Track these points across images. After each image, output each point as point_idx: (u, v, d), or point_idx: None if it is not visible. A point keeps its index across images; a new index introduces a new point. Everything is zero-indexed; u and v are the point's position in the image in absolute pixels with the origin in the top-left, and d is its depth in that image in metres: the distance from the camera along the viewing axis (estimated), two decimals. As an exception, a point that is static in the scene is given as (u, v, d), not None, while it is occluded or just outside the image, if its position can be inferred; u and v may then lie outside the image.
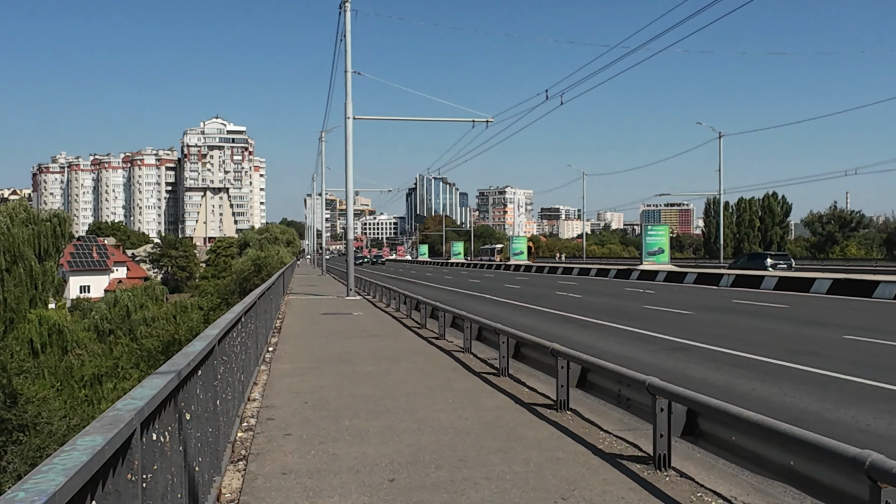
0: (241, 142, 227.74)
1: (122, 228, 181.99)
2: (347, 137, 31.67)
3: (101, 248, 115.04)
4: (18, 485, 2.24)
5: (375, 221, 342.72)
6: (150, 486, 3.54)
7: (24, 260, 48.33)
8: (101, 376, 38.61)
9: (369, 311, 26.10)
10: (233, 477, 6.59)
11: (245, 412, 9.14)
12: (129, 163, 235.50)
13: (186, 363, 4.69)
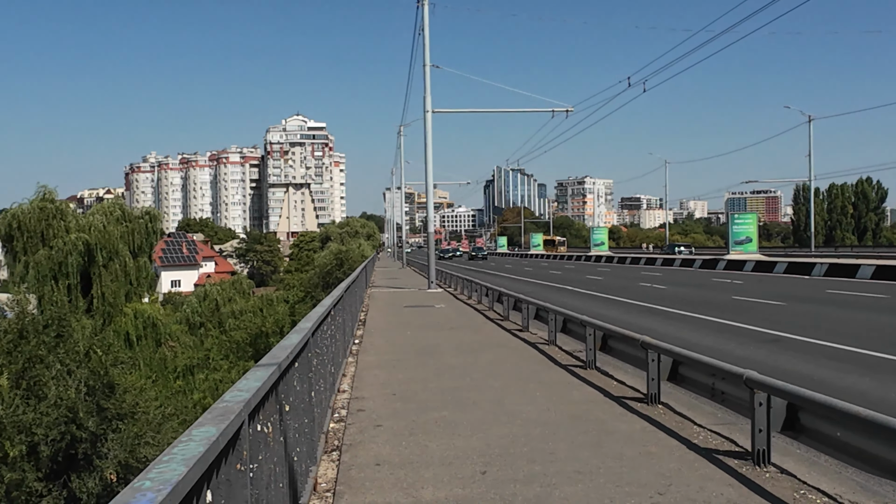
0: (322, 138, 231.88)
1: (210, 224, 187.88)
2: (427, 131, 31.82)
3: (190, 244, 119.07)
4: (143, 474, 2.32)
5: (454, 214, 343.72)
6: (255, 475, 3.63)
7: (119, 256, 50.32)
8: (192, 367, 39.95)
9: (451, 303, 26.20)
10: (328, 467, 6.71)
11: (336, 403, 9.30)
12: (215, 161, 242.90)
13: (285, 356, 4.79)
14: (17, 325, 16.06)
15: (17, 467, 13.14)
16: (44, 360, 15.00)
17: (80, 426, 13.75)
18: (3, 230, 48.20)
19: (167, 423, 17.36)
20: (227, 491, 3.01)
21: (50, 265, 46.40)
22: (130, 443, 14.49)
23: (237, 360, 39.14)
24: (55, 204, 49.57)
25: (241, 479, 3.26)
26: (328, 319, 8.71)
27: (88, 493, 13.82)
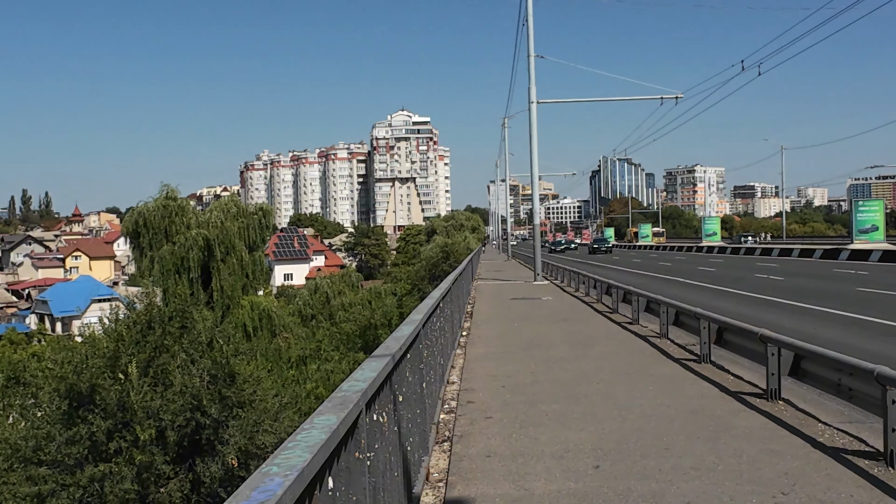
0: (426, 132, 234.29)
1: (319, 219, 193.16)
2: (532, 122, 31.60)
3: (301, 239, 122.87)
4: (270, 459, 2.40)
5: (559, 205, 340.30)
6: (372, 463, 3.70)
7: (235, 251, 52.41)
8: (305, 358, 41.25)
9: (558, 295, 25.96)
10: (439, 457, 6.77)
11: (445, 395, 9.38)
12: (323, 157, 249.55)
13: (398, 347, 4.86)
14: (146, 316, 16.92)
15: (146, 450, 13.90)
16: (169, 350, 15.79)
17: (203, 413, 14.40)
18: (131, 227, 51.10)
19: (284, 412, 17.93)
20: (347, 478, 3.08)
21: (173, 260, 48.89)
22: (250, 430, 15.05)
23: (347, 351, 40.13)
24: (177, 202, 52.13)
25: (359, 466, 3.33)
26: (437, 311, 8.79)
27: (212, 476, 14.47)
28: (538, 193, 33.13)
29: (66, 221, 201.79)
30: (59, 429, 14.66)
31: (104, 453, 14.35)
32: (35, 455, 14.72)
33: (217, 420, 14.63)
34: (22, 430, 16.01)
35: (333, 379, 36.03)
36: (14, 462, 15.43)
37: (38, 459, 14.68)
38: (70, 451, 14.26)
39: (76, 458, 14.31)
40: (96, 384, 14.42)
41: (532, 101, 31.43)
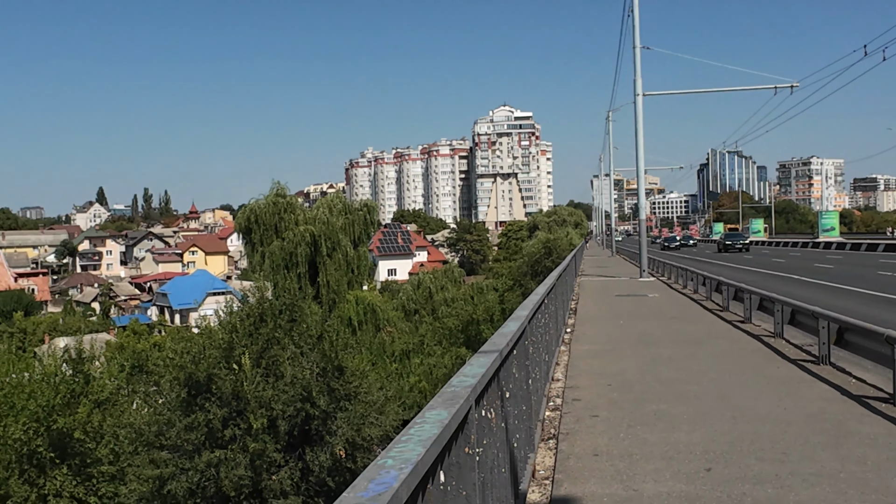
0: (528, 127, 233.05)
1: (422, 215, 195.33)
2: (637, 115, 30.92)
3: (404, 234, 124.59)
4: (385, 452, 2.44)
5: (665, 200, 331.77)
6: (481, 459, 3.71)
7: (341, 246, 53.66)
8: (408, 352, 41.80)
9: (665, 292, 25.33)
10: (545, 455, 6.73)
11: (550, 392, 9.31)
12: (426, 154, 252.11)
13: (505, 343, 4.85)
14: (258, 309, 17.59)
15: (259, 438, 14.44)
16: (280, 342, 16.34)
17: (313, 404, 14.84)
18: (243, 224, 53.18)
19: (388, 405, 18.26)
20: (458, 473, 3.10)
21: (282, 255, 50.54)
22: (357, 422, 15.41)
23: (449, 346, 40.36)
24: (286, 199, 53.87)
25: (469, 462, 3.35)
26: (542, 308, 8.72)
27: (320, 466, 14.90)
28: (644, 188, 32.41)
29: (184, 218, 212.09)
30: (178, 415, 15.42)
31: (220, 440, 15.01)
32: (157, 440, 15.54)
33: (326, 412, 15.05)
34: (145, 415, 16.92)
35: (436, 373, 36.36)
36: (138, 446, 16.34)
37: (159, 444, 15.49)
38: (189, 436, 14.98)
39: (194, 443, 15.02)
40: (213, 374, 15.09)
41: (638, 94, 30.74)
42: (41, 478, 17.44)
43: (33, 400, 17.77)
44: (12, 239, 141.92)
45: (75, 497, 17.44)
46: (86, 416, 18.17)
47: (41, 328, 70.59)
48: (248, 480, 14.44)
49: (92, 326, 72.81)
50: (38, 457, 17.41)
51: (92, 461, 18.36)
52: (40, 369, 20.23)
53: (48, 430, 17.55)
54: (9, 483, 16.28)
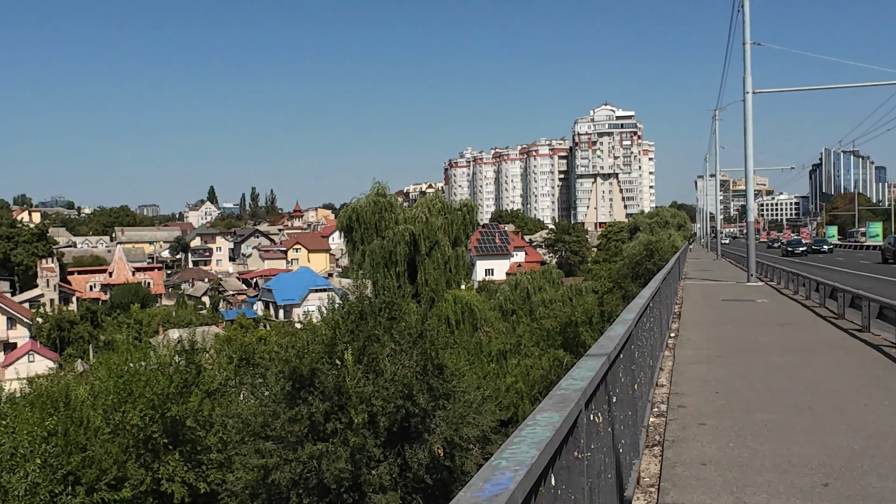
0: (630, 127, 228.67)
1: (520, 216, 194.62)
2: (746, 114, 29.83)
3: (502, 235, 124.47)
4: (498, 453, 2.43)
5: (773, 202, 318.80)
6: (589, 463, 3.65)
7: (440, 246, 54.08)
8: (505, 352, 41.69)
9: (774, 298, 24.33)
10: (650, 462, 6.57)
11: (655, 398, 9.09)
12: (525, 154, 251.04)
13: (613, 346, 4.76)
14: (358, 307, 17.93)
15: (359, 433, 14.72)
16: (380, 340, 16.60)
17: (413, 402, 15.01)
18: (345, 222, 54.36)
19: (485, 405, 18.28)
20: (567, 477, 3.06)
21: (382, 254, 51.38)
22: (455, 421, 15.49)
23: (547, 347, 40.05)
24: (386, 198, 54.71)
25: (578, 466, 3.30)
26: (647, 311, 8.53)
27: (419, 463, 15.05)
28: (752, 189, 31.24)
29: (289, 216, 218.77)
30: (283, 408, 15.91)
31: (322, 433, 15.38)
32: (263, 430, 16.07)
33: (425, 409, 15.19)
34: (252, 406, 17.54)
35: (533, 375, 36.13)
36: (245, 435, 16.96)
37: (265, 434, 16.02)
38: (292, 428, 15.43)
39: (297, 435, 15.45)
40: (316, 368, 15.48)
41: (748, 92, 29.66)
42: (155, 462, 18.34)
43: (149, 388, 18.68)
44: (131, 235, 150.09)
45: (186, 482, 18.25)
46: (197, 405, 18.99)
47: (156, 320, 74.34)
48: (348, 474, 14.75)
49: (202, 319, 76.13)
50: (153, 442, 18.32)
51: (202, 448, 19.18)
52: (155, 359, 21.26)
53: (162, 417, 18.44)
54: (126, 466, 17.18)
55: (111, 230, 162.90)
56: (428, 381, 15.59)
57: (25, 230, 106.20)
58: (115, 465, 16.49)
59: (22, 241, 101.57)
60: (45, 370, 43.93)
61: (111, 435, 17.82)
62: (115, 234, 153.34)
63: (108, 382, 19.72)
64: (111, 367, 20.99)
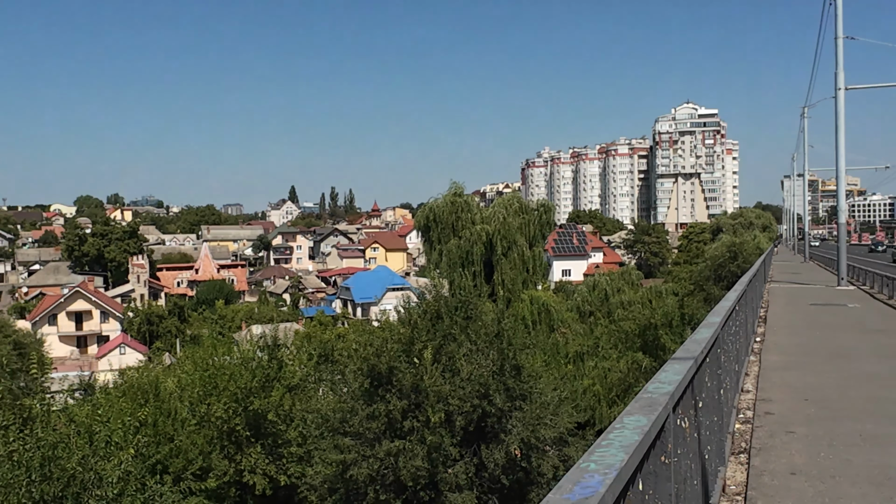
0: (713, 125, 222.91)
1: (598, 216, 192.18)
2: (838, 111, 28.66)
3: (580, 235, 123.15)
4: (586, 456, 2.39)
5: (866, 203, 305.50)
6: (675, 469, 3.57)
7: (517, 246, 53.88)
8: (582, 354, 41.22)
9: (867, 302, 23.31)
10: (735, 469, 6.39)
11: (740, 404, 8.83)
12: (603, 153, 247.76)
13: (700, 350, 4.65)
14: (435, 306, 18.04)
15: (436, 432, 14.80)
16: (456, 339, 16.66)
17: (490, 402, 15.00)
18: (422, 222, 54.70)
19: (562, 407, 18.13)
20: (654, 482, 3.00)
21: (459, 253, 51.50)
22: (532, 422, 15.41)
23: (626, 349, 39.40)
24: (463, 198, 54.80)
25: (665, 471, 3.23)
26: (733, 315, 8.29)
27: (495, 463, 15.04)
28: (844, 189, 30.00)
29: (367, 216, 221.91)
30: (361, 404, 16.13)
31: (399, 431, 15.54)
32: (341, 426, 16.34)
33: (502, 410, 15.17)
34: (331, 402, 17.84)
35: (610, 378, 35.62)
36: (324, 430, 17.26)
37: (343, 430, 16.28)
38: (370, 425, 15.63)
39: (375, 432, 15.65)
40: (394, 366, 15.64)
41: (839, 88, 28.49)
42: (238, 454, 18.86)
43: (233, 382, 19.22)
44: (216, 233, 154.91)
45: (267, 474, 18.70)
46: (278, 399, 19.43)
47: (239, 316, 76.49)
48: (424, 471, 14.85)
49: (283, 316, 77.95)
50: (236, 434, 18.84)
51: (282, 442, 19.62)
52: (239, 354, 21.85)
53: (245, 410, 18.93)
54: (211, 457, 17.71)
55: (197, 228, 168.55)
56: (505, 382, 15.56)
57: (118, 228, 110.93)
58: (200, 456, 17.01)
59: (115, 238, 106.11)
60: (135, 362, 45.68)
61: (197, 426, 18.40)
62: (202, 232, 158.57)
63: (195, 375, 20.37)
64: (197, 361, 21.68)
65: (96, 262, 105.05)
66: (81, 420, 13.32)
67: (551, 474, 16.20)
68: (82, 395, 22.78)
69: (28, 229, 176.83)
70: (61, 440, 10.57)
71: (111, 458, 10.91)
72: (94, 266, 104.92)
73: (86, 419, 13.27)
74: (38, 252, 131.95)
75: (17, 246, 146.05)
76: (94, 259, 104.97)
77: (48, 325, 77.62)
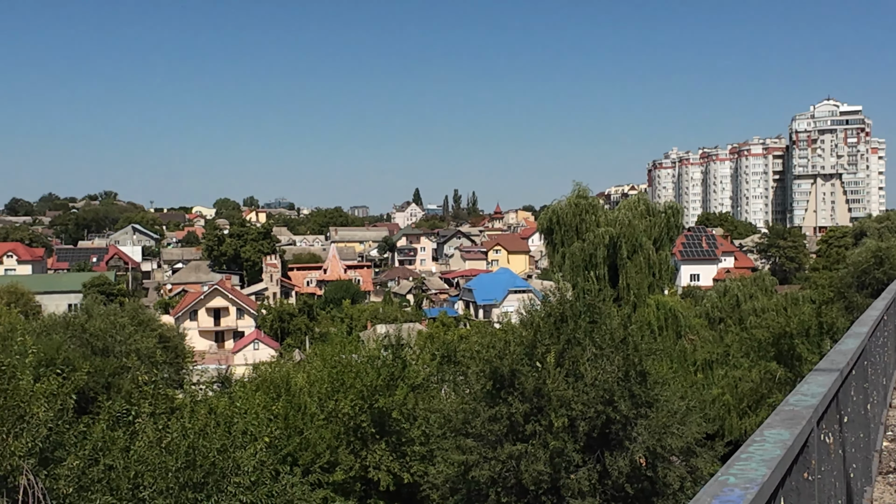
0: (856, 123, 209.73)
1: (729, 219, 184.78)
2: None
3: (710, 239, 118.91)
4: (724, 469, 2.31)
5: None
6: (819, 487, 3.39)
7: (643, 249, 52.60)
8: (711, 362, 39.80)
9: None
10: (884, 490, 5.99)
11: (888, 420, 8.27)
12: (735, 154, 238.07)
13: (845, 361, 4.39)
14: (559, 309, 17.87)
15: (559, 437, 14.66)
16: (580, 343, 16.44)
17: (614, 408, 14.73)
18: (545, 224, 54.37)
19: (690, 416, 17.55)
20: (796, 499, 2.86)
21: (582, 256, 50.81)
22: (658, 431, 15.01)
23: (758, 359, 37.75)
24: (587, 200, 54.04)
25: (807, 488, 3.07)
26: (880, 325, 7.77)
27: (619, 471, 14.74)
28: None
29: (489, 218, 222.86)
30: (483, 406, 16.20)
31: (521, 434, 15.49)
32: (464, 427, 16.47)
33: (626, 417, 14.85)
34: (453, 403, 18.02)
35: (741, 387, 34.26)
36: (446, 431, 17.46)
37: (465, 431, 16.40)
38: (492, 427, 15.67)
39: (497, 434, 15.67)
40: (516, 369, 15.61)
41: None
42: (363, 450, 19.38)
43: (359, 379, 19.77)
44: (343, 234, 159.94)
45: (391, 471, 19.11)
46: (402, 398, 19.83)
47: (364, 315, 78.58)
48: (547, 476, 14.74)
49: (406, 316, 79.46)
50: (361, 431, 19.38)
51: (406, 440, 20.01)
52: (365, 352, 22.46)
53: (370, 407, 19.44)
54: (338, 451, 18.29)
55: (326, 230, 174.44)
56: (630, 388, 15.23)
57: (253, 229, 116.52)
58: (328, 450, 17.61)
59: (250, 238, 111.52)
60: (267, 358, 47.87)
61: (325, 421, 19.06)
62: (330, 233, 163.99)
63: (323, 372, 21.11)
64: (325, 358, 22.45)
65: (233, 262, 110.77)
66: (221, 411, 14.09)
67: (678, 485, 15.73)
68: (220, 388, 24.08)
69: (172, 230, 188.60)
70: (204, 429, 11.24)
71: (247, 447, 11.48)
72: (231, 265, 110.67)
73: (225, 410, 14.03)
74: (181, 251, 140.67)
75: (163, 245, 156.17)
76: (231, 258, 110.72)
77: (189, 320, 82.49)
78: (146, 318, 42.20)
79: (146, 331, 37.21)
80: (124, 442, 10.86)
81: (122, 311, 39.67)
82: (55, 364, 12.59)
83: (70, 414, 10.54)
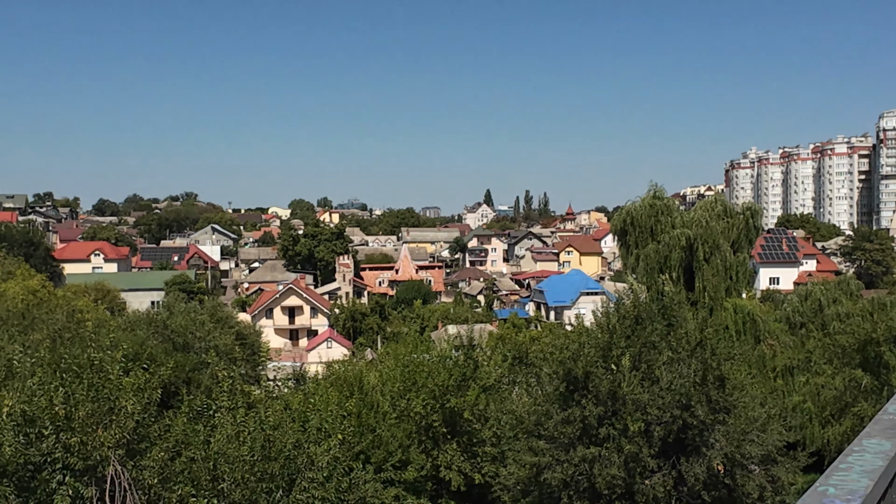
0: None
1: (811, 220, 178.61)
2: None
3: (790, 241, 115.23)
4: (823, 479, 2.23)
5: None
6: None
7: (720, 251, 51.29)
8: (792, 368, 38.61)
9: None
10: None
11: None
12: (818, 153, 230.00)
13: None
14: (634, 312, 17.58)
15: (634, 441, 14.43)
16: (656, 346, 16.14)
17: (691, 413, 14.41)
18: (619, 225, 53.54)
19: (771, 424, 17.03)
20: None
21: (657, 258, 49.85)
22: (737, 437, 14.63)
23: (842, 365, 36.41)
24: (662, 201, 52.99)
25: (908, 502, 2.93)
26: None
27: (695, 478, 14.41)
28: None
29: (561, 219, 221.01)
30: (556, 408, 16.07)
31: (594, 437, 15.30)
32: (536, 429, 16.37)
33: (704, 422, 14.51)
34: (525, 404, 17.94)
35: (824, 395, 33.17)
36: (518, 432, 17.40)
37: (537, 433, 16.30)
38: (565, 430, 15.52)
39: (570, 437, 15.52)
40: (590, 371, 15.43)
41: None
42: (435, 450, 19.46)
43: (431, 379, 19.87)
44: (415, 235, 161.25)
45: (462, 471, 19.13)
46: (474, 398, 19.83)
47: (436, 315, 79.02)
48: (621, 481, 14.53)
49: (477, 317, 79.51)
50: (433, 430, 19.46)
51: (477, 441, 20.01)
52: (436, 352, 22.55)
53: (442, 407, 19.51)
54: (409, 450, 18.41)
55: (398, 230, 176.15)
56: (707, 393, 14.87)
57: (327, 229, 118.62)
58: (399, 449, 17.74)
59: (324, 239, 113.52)
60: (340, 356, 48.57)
61: (397, 420, 19.20)
62: (401, 234, 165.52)
63: (395, 371, 21.28)
64: (397, 357, 22.63)
65: (307, 261, 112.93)
66: (296, 407, 14.36)
67: (757, 494, 15.29)
68: (295, 385, 24.56)
69: (249, 230, 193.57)
70: (279, 423, 11.50)
71: (321, 443, 11.68)
72: (306, 265, 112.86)
73: (299, 406, 14.29)
74: (258, 251, 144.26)
75: (240, 245, 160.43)
76: (306, 258, 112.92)
77: (265, 318, 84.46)
78: (224, 316, 43.43)
79: (224, 328, 38.31)
80: (205, 435, 11.18)
81: (202, 308, 40.91)
82: (140, 359, 13.03)
83: (155, 407, 10.91)
